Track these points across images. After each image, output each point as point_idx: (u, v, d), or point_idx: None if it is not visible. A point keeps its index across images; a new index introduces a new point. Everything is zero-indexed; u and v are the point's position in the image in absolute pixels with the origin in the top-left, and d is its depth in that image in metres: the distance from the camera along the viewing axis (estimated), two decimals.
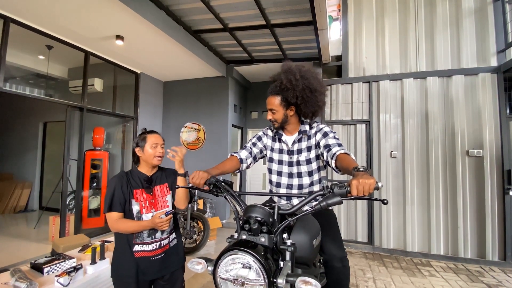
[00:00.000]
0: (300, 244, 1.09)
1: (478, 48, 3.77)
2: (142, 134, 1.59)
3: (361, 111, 4.18)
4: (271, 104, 1.53)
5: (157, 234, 1.52)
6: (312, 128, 1.60)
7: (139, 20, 3.16)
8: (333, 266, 1.41)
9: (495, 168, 3.52)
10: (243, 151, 1.69)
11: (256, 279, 0.84)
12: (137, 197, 1.50)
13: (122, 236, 1.49)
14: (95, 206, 4.53)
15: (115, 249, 1.54)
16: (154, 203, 1.54)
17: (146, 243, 1.49)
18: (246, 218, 1.00)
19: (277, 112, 1.53)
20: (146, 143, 1.54)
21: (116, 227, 1.44)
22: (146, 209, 1.50)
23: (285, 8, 3.31)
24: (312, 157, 1.57)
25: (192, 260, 0.97)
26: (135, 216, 1.48)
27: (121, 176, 1.52)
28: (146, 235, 1.50)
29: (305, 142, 1.59)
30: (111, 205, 1.44)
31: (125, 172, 1.55)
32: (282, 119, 1.54)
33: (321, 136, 1.53)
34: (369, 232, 4.02)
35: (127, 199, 1.48)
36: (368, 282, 2.95)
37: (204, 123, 5.41)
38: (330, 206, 0.94)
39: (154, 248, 1.51)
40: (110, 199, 1.44)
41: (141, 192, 1.52)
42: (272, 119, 1.56)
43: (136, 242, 1.48)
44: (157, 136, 1.59)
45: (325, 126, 1.58)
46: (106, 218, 1.46)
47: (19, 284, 1.59)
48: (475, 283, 2.97)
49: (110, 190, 1.46)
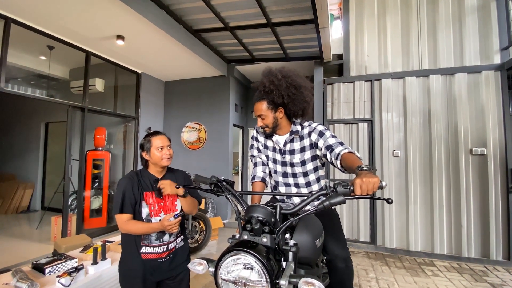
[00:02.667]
0: (303, 244, 1.07)
1: (481, 45, 3.73)
2: (146, 137, 1.55)
3: (363, 110, 4.15)
4: (259, 110, 1.50)
5: (165, 237, 1.52)
6: (304, 128, 1.54)
7: (139, 20, 3.16)
8: (336, 267, 1.39)
9: (499, 167, 3.49)
10: (257, 169, 1.70)
11: (258, 280, 0.82)
12: (147, 199, 1.50)
13: (130, 237, 1.48)
14: (97, 206, 4.53)
15: (123, 249, 1.55)
16: (163, 206, 1.54)
17: (153, 245, 1.50)
18: (247, 218, 0.99)
19: (266, 117, 1.49)
20: (151, 147, 1.51)
21: (126, 228, 1.44)
22: (155, 212, 1.50)
23: (286, 7, 3.29)
24: (307, 158, 1.54)
25: (193, 261, 0.96)
26: (144, 218, 1.48)
27: (132, 177, 1.50)
28: (154, 238, 1.50)
29: (297, 143, 1.55)
30: (122, 206, 1.43)
31: (135, 173, 1.54)
32: (273, 123, 1.51)
33: (317, 136, 1.47)
34: (372, 231, 3.99)
35: (137, 201, 1.47)
36: (371, 282, 2.93)
37: (205, 123, 5.40)
38: (334, 205, 0.92)
39: (162, 250, 1.51)
40: (121, 200, 1.43)
41: (151, 194, 1.51)
42: (262, 125, 1.52)
43: (144, 244, 1.49)
44: (162, 138, 1.54)
45: (318, 124, 1.53)
46: (116, 219, 1.46)
47: (20, 285, 1.59)
48: (479, 282, 2.94)
49: (121, 191, 1.45)
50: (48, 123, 6.21)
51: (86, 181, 4.27)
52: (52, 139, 6.21)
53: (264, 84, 1.46)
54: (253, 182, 1.68)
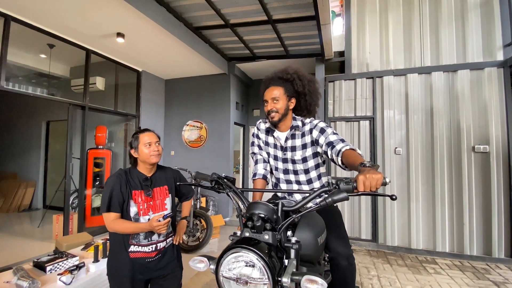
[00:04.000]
0: (305, 242, 1.06)
1: (484, 42, 3.69)
2: (134, 134, 1.53)
3: (364, 108, 4.13)
4: (274, 94, 1.49)
5: (154, 236, 1.49)
6: (305, 124, 1.54)
7: (139, 17, 3.14)
8: (338, 264, 1.38)
9: (502, 164, 3.47)
10: (258, 166, 1.70)
11: (260, 277, 0.81)
12: (136, 198, 1.46)
13: (118, 235, 1.46)
14: (98, 205, 4.54)
15: (111, 248, 1.52)
16: (152, 205, 1.50)
17: (142, 244, 1.47)
18: (249, 215, 0.97)
19: (279, 101, 1.49)
20: (139, 143, 1.48)
21: (113, 227, 1.41)
22: (144, 211, 1.47)
23: (287, 3, 3.26)
24: (309, 155, 1.53)
25: (194, 258, 0.94)
26: (132, 217, 1.45)
27: (120, 175, 1.47)
28: (142, 237, 1.47)
29: (298, 139, 1.54)
30: (110, 205, 1.40)
31: (124, 171, 1.50)
32: (284, 109, 1.50)
33: (318, 133, 1.46)
34: (373, 229, 3.98)
35: (125, 200, 1.44)
36: (372, 280, 2.93)
37: (206, 121, 5.39)
38: (336, 202, 0.91)
39: (150, 250, 1.48)
40: (108, 198, 1.40)
41: (140, 193, 1.48)
42: (273, 108, 1.49)
43: (132, 243, 1.46)
44: (149, 134, 1.52)
45: (319, 121, 1.51)
46: (104, 217, 1.43)
47: (21, 283, 1.59)
48: (481, 280, 2.93)
49: (109, 189, 1.42)
50: (49, 122, 6.22)
51: (87, 179, 4.27)
52: (53, 137, 6.21)
53: (287, 72, 1.52)
54: (254, 180, 1.67)
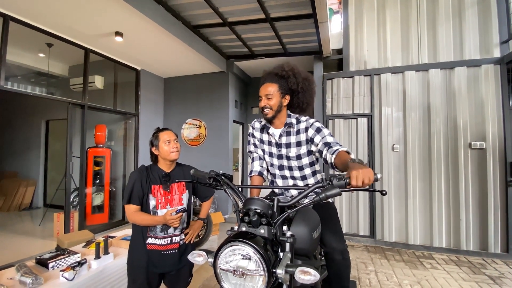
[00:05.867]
0: (300, 236, 1.09)
1: (481, 39, 3.71)
2: (154, 134, 1.65)
3: (362, 105, 4.15)
4: (267, 90, 1.52)
5: (170, 230, 1.59)
6: (300, 122, 1.56)
7: (137, 16, 3.15)
8: (333, 259, 1.42)
9: (498, 161, 3.50)
10: (254, 164, 1.74)
11: (255, 269, 0.84)
12: (155, 192, 1.57)
13: (138, 227, 1.58)
14: (98, 203, 4.57)
15: (131, 239, 1.64)
16: (170, 199, 1.60)
17: (158, 237, 1.57)
18: (245, 211, 1.00)
19: (273, 98, 1.52)
20: (159, 141, 1.60)
21: (132, 218, 1.54)
22: (162, 205, 1.58)
23: (284, 1, 3.28)
24: (303, 153, 1.56)
25: (192, 252, 0.98)
26: (151, 210, 1.56)
27: (141, 171, 1.59)
28: (159, 230, 1.57)
29: (293, 136, 1.56)
30: (130, 197, 1.53)
31: (145, 167, 1.63)
32: (278, 106, 1.53)
33: (314, 132, 1.49)
34: (371, 225, 4.02)
35: (145, 193, 1.56)
36: (370, 275, 2.97)
37: (205, 119, 5.41)
38: (329, 198, 0.94)
39: (166, 243, 1.58)
40: (129, 192, 1.53)
41: (159, 188, 1.59)
42: (267, 105, 1.52)
43: (150, 235, 1.57)
44: (168, 133, 1.65)
45: (315, 121, 1.53)
46: (125, 209, 1.56)
47: (24, 279, 1.62)
48: (477, 275, 2.98)
49: (131, 183, 1.54)
50: (49, 121, 6.24)
51: (87, 178, 4.30)
52: (53, 136, 6.24)
53: (283, 69, 1.54)
54: (251, 177, 1.71)
